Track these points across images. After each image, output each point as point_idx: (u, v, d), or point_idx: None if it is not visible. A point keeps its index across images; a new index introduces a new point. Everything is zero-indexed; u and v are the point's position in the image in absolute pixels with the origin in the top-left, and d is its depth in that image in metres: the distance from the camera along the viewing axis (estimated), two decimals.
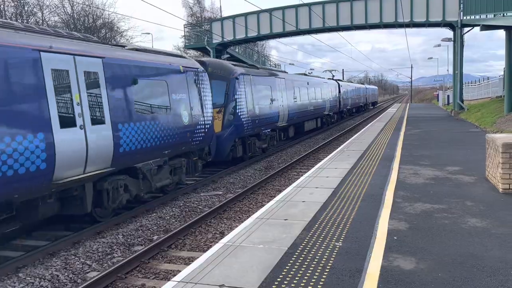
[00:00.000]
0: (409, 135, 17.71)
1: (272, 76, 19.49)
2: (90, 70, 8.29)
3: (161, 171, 10.56)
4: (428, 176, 9.22)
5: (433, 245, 5.13)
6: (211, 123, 12.96)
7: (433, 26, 31.55)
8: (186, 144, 11.51)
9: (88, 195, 8.31)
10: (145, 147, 9.62)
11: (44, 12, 42.45)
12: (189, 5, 59.35)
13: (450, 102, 40.45)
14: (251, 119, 16.01)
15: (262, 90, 17.61)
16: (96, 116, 8.31)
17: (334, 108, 32.85)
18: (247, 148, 16.17)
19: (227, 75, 15.02)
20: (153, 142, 9.92)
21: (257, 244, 5.31)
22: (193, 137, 11.86)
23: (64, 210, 8.28)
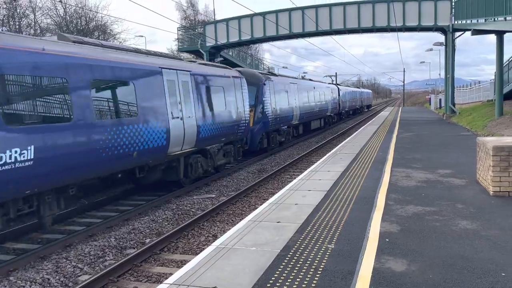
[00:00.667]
0: (402, 138, 17.83)
1: (288, 82, 22.99)
2: (184, 80, 12.02)
3: (219, 153, 14.31)
4: (420, 179, 9.29)
5: (424, 247, 5.17)
6: (248, 119, 16.62)
7: (425, 30, 31.85)
8: (234, 134, 15.28)
9: (180, 167, 11.94)
10: (212, 135, 13.41)
11: (36, 14, 42.24)
12: (183, 8, 59.40)
13: (442, 106, 40.82)
14: (274, 117, 19.49)
15: (281, 94, 21.10)
16: (188, 111, 11.99)
17: (335, 109, 36.30)
18: (270, 141, 19.59)
19: (256, 82, 18.35)
20: (217, 131, 13.71)
21: (250, 247, 5.32)
22: (238, 129, 15.55)
23: (165, 176, 11.78)
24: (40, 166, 7.23)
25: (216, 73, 14.41)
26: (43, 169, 7.32)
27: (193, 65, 13.25)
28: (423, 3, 29.56)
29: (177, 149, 11.46)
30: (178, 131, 11.31)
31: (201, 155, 13.02)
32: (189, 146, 12.09)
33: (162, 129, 10.64)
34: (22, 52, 7.18)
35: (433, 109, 50.02)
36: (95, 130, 8.53)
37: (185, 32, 38.49)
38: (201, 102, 12.81)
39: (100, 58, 8.96)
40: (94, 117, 8.58)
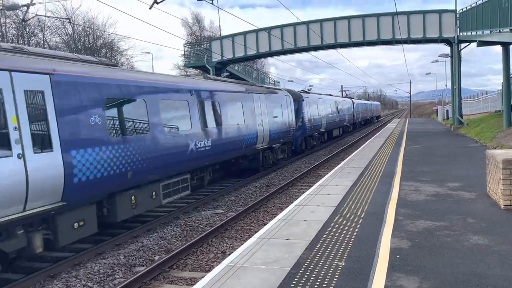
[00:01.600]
0: (409, 150, 17.75)
1: (317, 98, 29.17)
2: (262, 100, 17.80)
3: (279, 150, 19.91)
4: (429, 193, 9.22)
5: (436, 264, 5.11)
6: (294, 127, 21.89)
7: (430, 42, 31.89)
8: (287, 137, 20.89)
9: (260, 157, 17.62)
10: (276, 137, 18.91)
11: (45, 33, 42.95)
12: (189, 25, 60.09)
13: (449, 117, 40.62)
14: (310, 125, 25.10)
15: (313, 107, 26.81)
16: (264, 120, 17.53)
17: (350, 120, 42.68)
18: (307, 144, 25.31)
19: (298, 99, 23.90)
20: (279, 135, 19.17)
21: (260, 265, 5.30)
22: (289, 134, 20.98)
23: (250, 164, 17.16)
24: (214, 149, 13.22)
25: (277, 94, 20.40)
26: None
27: (265, 89, 19.45)
28: (427, 15, 29.67)
29: (259, 145, 17.02)
30: (260, 133, 17.01)
31: (270, 150, 18.72)
32: (265, 144, 17.64)
33: (254, 132, 16.37)
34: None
35: (440, 120, 49.80)
36: (244, 130, 15.57)
37: (191, 48, 38.88)
38: (271, 114, 18.39)
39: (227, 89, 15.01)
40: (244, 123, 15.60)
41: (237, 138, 14.83)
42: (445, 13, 29.32)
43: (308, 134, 24.87)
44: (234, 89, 15.60)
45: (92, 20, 47.35)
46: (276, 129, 18.73)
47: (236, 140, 14.75)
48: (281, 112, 19.85)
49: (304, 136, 24.25)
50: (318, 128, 27.61)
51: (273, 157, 19.22)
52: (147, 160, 9.65)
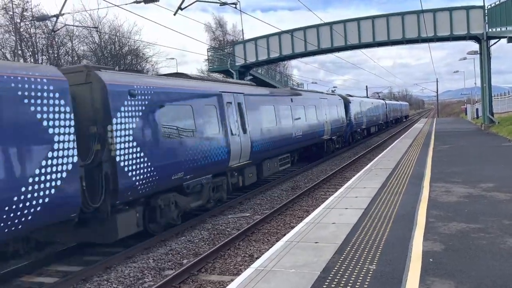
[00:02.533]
0: (438, 151, 17.33)
1: (359, 100, 34.74)
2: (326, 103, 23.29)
3: (336, 141, 25.12)
4: (461, 194, 8.96)
5: (472, 267, 4.95)
6: (345, 123, 27.15)
7: (458, 39, 31.13)
8: (341, 131, 25.98)
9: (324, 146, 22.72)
10: (335, 130, 24.09)
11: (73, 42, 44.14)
12: (212, 30, 60.65)
13: (480, 116, 39.51)
14: (355, 123, 30.54)
15: (357, 108, 32.06)
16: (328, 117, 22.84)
17: (384, 119, 48.44)
18: (353, 138, 31.04)
19: (346, 101, 29.21)
20: (336, 128, 24.34)
21: (289, 269, 5.25)
22: (342, 128, 26.24)
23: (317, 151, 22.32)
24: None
25: (334, 98, 26.38)
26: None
27: (326, 94, 25.42)
28: (454, 12, 28.98)
29: (324, 137, 22.17)
30: (326, 127, 22.23)
31: (331, 141, 23.74)
32: (328, 135, 22.70)
33: (322, 126, 21.82)
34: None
35: (469, 119, 48.49)
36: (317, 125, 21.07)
37: (214, 53, 39.20)
38: (331, 114, 23.59)
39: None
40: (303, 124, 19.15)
41: (314, 130, 20.72)
42: (473, 9, 28.58)
43: (354, 130, 30.64)
44: (312, 96, 22.11)
45: (118, 28, 48.36)
46: (334, 124, 24.15)
47: (313, 132, 20.64)
48: (337, 112, 25.33)
49: (351, 131, 29.92)
50: (361, 125, 33.07)
51: (333, 146, 24.64)
52: (278, 142, 16.07)
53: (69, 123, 7.08)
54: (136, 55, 49.72)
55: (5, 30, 36.00)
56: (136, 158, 8.43)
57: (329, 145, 23.65)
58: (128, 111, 8.37)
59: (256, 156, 14.20)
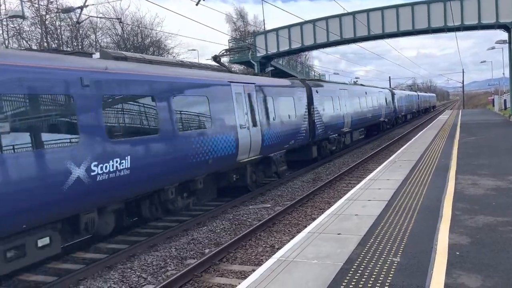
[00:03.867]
0: (464, 143, 16.90)
1: (399, 92, 42.96)
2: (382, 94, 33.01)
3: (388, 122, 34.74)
4: (488, 187, 8.72)
5: (500, 261, 4.81)
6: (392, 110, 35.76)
7: (486, 28, 30.15)
8: (391, 115, 34.84)
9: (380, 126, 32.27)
10: (387, 114, 33.87)
11: (97, 34, 44.73)
12: (233, 20, 60.49)
13: (508, 107, 38.31)
14: (398, 110, 39.34)
15: (399, 98, 40.07)
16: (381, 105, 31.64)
17: (416, 108, 56.72)
18: (397, 121, 39.69)
19: (392, 93, 37.53)
20: (388, 114, 33.91)
21: (311, 260, 5.22)
22: (391, 114, 35.44)
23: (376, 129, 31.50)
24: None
25: (386, 91, 34.13)
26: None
27: (382, 89, 33.29)
28: (483, 0, 28.06)
29: (381, 119, 30.66)
30: (382, 111, 30.86)
31: (385, 122, 32.85)
32: (383, 118, 31.81)
33: (380, 111, 30.19)
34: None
35: (497, 110, 47.12)
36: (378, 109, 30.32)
37: (235, 44, 39.11)
38: (384, 101, 32.57)
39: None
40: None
41: (376, 113, 28.52)
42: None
43: (397, 115, 39.82)
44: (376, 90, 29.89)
45: (140, 19, 48.74)
46: (386, 110, 32.34)
47: (375, 115, 28.61)
48: (386, 100, 33.80)
49: (395, 117, 38.75)
50: (401, 112, 41.65)
51: (386, 126, 32.91)
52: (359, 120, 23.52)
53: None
54: (158, 47, 50.09)
55: (31, 23, 36.72)
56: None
57: (384, 125, 32.93)
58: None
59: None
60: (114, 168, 7.42)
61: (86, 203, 7.21)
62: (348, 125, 22.26)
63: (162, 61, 10.58)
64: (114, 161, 7.42)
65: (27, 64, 6.38)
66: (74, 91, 6.97)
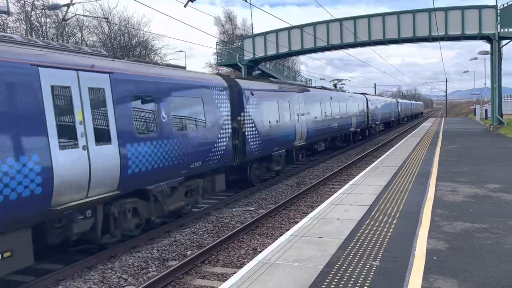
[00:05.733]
0: (446, 150, 17.23)
1: (401, 100, 61.33)
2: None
3: (395, 121, 49.82)
4: (467, 194, 8.92)
5: (476, 267, 4.94)
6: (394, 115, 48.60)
7: (469, 39, 30.79)
8: (395, 117, 50.15)
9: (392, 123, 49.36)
10: (388, 117, 44.54)
11: (83, 33, 44.23)
12: (221, 23, 60.49)
13: (488, 117, 39.13)
14: (400, 114, 54.52)
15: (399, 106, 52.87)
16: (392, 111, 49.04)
17: (410, 113, 69.04)
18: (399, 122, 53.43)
19: (396, 101, 53.80)
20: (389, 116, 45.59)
21: (292, 262, 5.27)
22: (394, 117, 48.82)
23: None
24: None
25: (393, 100, 48.52)
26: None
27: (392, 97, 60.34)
28: (466, 11, 28.65)
29: (392, 119, 46.02)
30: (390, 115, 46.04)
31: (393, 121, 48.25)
32: (394, 118, 47.91)
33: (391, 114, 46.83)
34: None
35: (478, 120, 48.10)
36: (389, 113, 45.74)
37: (223, 47, 39.14)
38: (392, 108, 46.84)
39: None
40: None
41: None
42: (485, 9, 28.23)
43: (399, 118, 50.85)
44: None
45: (128, 19, 48.38)
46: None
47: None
48: (392, 108, 45.45)
49: (398, 118, 49.25)
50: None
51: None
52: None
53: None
54: (145, 47, 49.76)
55: (16, 19, 36.16)
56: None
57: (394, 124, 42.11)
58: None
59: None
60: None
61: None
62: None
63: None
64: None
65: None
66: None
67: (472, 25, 28.41)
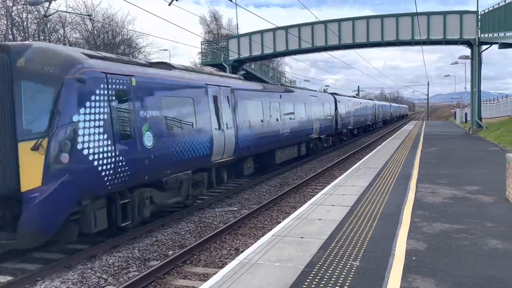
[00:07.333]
0: (426, 153, 17.51)
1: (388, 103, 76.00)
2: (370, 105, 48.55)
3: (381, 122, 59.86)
4: (446, 196, 9.08)
5: (453, 267, 5.03)
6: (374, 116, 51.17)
7: (450, 43, 31.35)
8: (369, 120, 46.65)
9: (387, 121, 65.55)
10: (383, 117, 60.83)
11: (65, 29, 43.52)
12: (207, 23, 60.26)
13: (468, 120, 39.95)
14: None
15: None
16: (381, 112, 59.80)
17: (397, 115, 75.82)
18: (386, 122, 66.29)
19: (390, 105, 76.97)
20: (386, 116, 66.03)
21: (274, 262, 5.29)
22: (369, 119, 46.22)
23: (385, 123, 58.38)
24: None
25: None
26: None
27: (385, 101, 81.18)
28: (448, 16, 29.17)
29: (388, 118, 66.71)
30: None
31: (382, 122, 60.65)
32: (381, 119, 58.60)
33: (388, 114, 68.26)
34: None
35: (458, 123, 49.02)
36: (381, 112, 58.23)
37: (208, 46, 39.00)
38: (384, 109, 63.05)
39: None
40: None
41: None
42: (466, 14, 28.79)
43: (376, 121, 50.62)
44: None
45: (112, 16, 47.79)
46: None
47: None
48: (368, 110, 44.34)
49: (374, 122, 48.75)
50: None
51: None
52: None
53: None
54: (129, 45, 49.25)
55: None
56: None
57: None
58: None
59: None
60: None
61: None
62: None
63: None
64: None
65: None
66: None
67: (453, 30, 28.94)
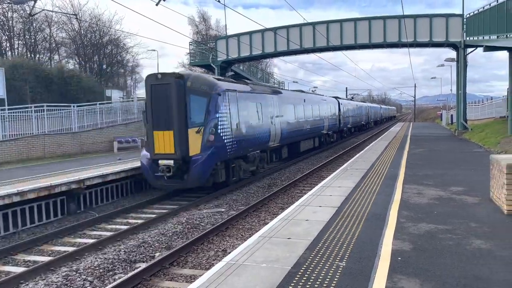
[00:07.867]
0: (413, 154, 17.68)
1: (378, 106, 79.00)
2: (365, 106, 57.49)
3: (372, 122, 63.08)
4: (432, 196, 9.17)
5: (438, 267, 5.08)
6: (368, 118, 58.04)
7: (437, 46, 31.76)
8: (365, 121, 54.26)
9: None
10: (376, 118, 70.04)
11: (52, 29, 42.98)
12: (195, 23, 60.07)
13: (454, 122, 40.45)
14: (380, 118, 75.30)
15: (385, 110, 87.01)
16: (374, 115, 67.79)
17: (386, 116, 79.78)
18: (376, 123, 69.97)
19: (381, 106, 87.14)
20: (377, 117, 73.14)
21: (260, 263, 5.28)
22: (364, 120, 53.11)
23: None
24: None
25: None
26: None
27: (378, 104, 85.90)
28: (434, 19, 29.55)
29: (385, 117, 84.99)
30: (369, 117, 53.07)
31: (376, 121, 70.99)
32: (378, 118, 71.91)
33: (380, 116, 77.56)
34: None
35: (444, 125, 49.62)
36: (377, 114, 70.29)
37: (196, 47, 38.89)
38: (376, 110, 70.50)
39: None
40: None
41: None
42: (452, 17, 29.20)
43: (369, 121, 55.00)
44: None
45: (99, 16, 47.37)
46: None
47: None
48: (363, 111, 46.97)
49: (367, 122, 52.92)
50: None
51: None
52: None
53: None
54: (116, 45, 48.85)
55: None
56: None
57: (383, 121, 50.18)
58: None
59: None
60: None
61: None
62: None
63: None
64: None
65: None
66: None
67: (439, 32, 29.32)
